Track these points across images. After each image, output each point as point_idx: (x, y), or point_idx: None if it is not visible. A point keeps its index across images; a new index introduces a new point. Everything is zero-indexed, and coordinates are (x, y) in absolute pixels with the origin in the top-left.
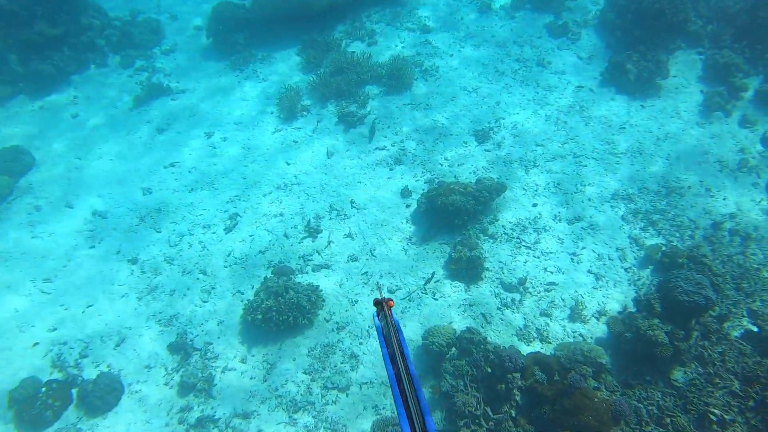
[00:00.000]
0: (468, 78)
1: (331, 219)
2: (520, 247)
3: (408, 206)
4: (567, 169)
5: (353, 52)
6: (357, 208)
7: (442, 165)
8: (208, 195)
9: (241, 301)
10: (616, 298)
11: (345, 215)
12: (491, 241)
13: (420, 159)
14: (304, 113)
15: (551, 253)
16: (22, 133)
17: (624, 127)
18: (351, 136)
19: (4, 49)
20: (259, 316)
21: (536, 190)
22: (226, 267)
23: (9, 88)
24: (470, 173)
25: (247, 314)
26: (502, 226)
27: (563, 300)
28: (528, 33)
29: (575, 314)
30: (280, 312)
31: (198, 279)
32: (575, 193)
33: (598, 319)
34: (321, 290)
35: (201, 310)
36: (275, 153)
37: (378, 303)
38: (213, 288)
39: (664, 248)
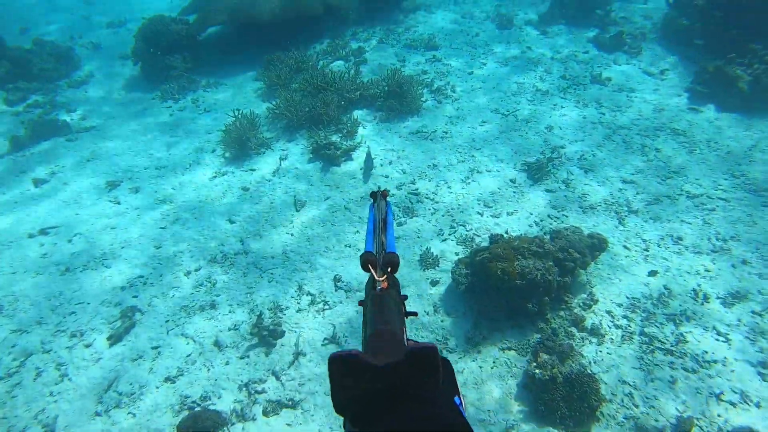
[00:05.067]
0: (498, 98)
1: (300, 311)
2: (653, 352)
3: (434, 283)
4: (684, 214)
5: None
6: (346, 290)
7: (481, 214)
8: (93, 278)
9: None
10: None
11: (325, 303)
12: (595, 340)
13: (444, 207)
14: (262, 149)
15: (715, 362)
16: None
17: (752, 154)
18: (333, 177)
19: None
20: None
21: (646, 249)
22: (98, 416)
23: None
24: (528, 226)
25: None
26: (607, 311)
27: None
28: (570, 48)
29: None
30: None
31: None
32: (714, 252)
33: None
34: None
35: None
36: (212, 207)
37: (374, 194)
38: None
39: None
